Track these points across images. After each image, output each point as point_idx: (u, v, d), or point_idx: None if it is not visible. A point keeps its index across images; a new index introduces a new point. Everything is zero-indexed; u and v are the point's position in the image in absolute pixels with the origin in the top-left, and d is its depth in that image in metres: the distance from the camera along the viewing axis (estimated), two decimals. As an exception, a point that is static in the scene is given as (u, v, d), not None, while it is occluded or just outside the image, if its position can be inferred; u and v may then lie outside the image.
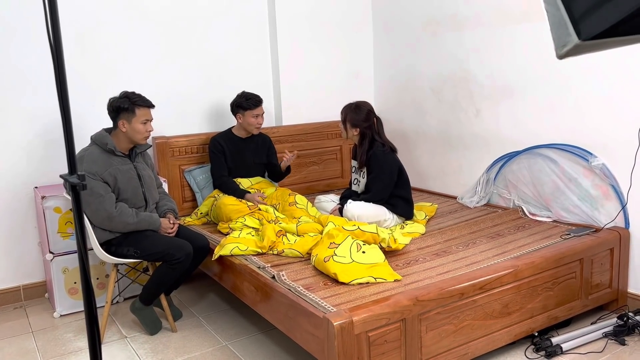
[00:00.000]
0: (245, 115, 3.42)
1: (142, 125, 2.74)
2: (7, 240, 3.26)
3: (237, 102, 3.44)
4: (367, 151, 3.13)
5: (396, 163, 3.16)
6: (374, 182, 3.13)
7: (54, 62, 1.06)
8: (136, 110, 2.71)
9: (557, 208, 3.14)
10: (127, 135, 2.74)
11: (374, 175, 3.13)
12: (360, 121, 3.13)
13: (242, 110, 3.43)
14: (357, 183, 3.31)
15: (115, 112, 2.70)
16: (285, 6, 3.96)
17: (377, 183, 3.12)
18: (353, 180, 3.37)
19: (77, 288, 3.13)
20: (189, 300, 3.29)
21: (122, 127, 2.71)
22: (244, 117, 3.43)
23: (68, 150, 1.09)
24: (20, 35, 3.15)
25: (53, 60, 1.07)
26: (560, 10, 1.00)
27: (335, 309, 2.05)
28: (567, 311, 2.62)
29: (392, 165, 3.13)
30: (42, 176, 3.28)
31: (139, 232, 2.74)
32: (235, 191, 3.36)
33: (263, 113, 3.47)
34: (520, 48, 3.26)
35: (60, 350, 2.72)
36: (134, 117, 2.71)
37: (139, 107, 2.72)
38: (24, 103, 3.21)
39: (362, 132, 3.15)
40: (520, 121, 3.34)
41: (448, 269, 2.46)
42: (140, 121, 2.72)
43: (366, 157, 3.14)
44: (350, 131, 3.17)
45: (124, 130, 2.72)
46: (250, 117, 3.42)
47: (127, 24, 3.46)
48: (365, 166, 3.17)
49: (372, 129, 3.16)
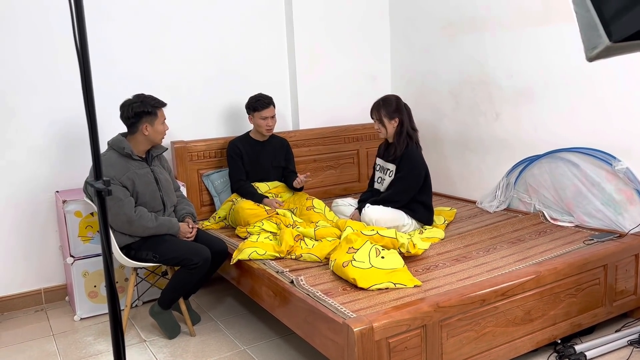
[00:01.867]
0: (255, 117, 3.43)
1: (162, 126, 2.79)
2: (28, 244, 3.30)
3: (248, 104, 3.45)
4: (404, 147, 3.10)
5: (425, 167, 3.14)
6: (399, 181, 3.11)
7: (80, 67, 1.06)
8: (157, 112, 2.75)
9: (580, 213, 3.09)
10: (149, 138, 2.77)
11: (401, 176, 3.10)
12: (394, 111, 3.11)
13: (252, 112, 3.43)
14: (380, 181, 3.27)
15: (135, 117, 2.72)
16: (303, 10, 3.96)
17: (401, 183, 3.09)
18: (377, 178, 3.33)
19: (97, 292, 3.15)
20: (207, 304, 3.30)
21: (144, 130, 2.73)
22: (254, 119, 3.44)
23: (94, 155, 1.10)
24: (42, 40, 3.20)
25: (79, 65, 1.07)
26: (591, 12, 0.97)
27: (355, 315, 2.03)
28: (590, 318, 2.57)
29: (421, 169, 3.12)
30: (63, 180, 3.32)
31: (158, 237, 2.75)
32: (254, 195, 3.37)
33: (274, 115, 3.46)
34: (540, 50, 3.22)
35: (81, 354, 2.74)
36: (156, 119, 2.75)
37: (159, 108, 2.76)
38: (45, 108, 3.25)
39: (401, 120, 3.12)
40: (541, 124, 3.29)
41: (468, 275, 2.42)
42: (161, 122, 2.78)
43: (401, 153, 3.10)
44: (389, 125, 3.12)
45: (147, 134, 2.74)
46: (259, 119, 3.42)
47: (146, 29, 3.49)
48: (395, 163, 3.13)
49: (407, 117, 3.15)
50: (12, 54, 3.13)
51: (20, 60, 3.15)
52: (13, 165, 3.20)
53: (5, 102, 3.15)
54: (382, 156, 3.29)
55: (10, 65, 3.13)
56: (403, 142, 3.12)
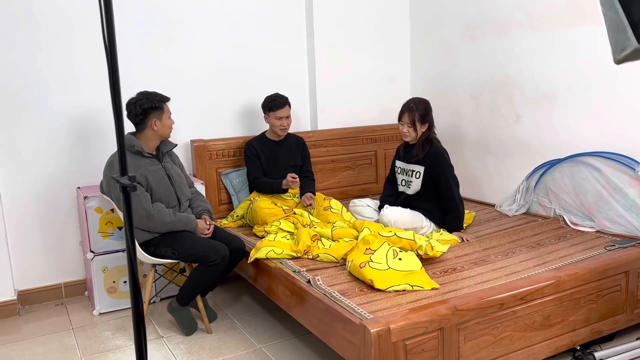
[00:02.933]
0: (270, 117, 3.45)
1: (169, 120, 2.84)
2: (50, 239, 3.35)
3: (264, 103, 3.47)
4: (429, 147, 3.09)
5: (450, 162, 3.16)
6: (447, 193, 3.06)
7: (109, 66, 1.08)
8: (164, 107, 2.80)
9: (601, 218, 3.04)
10: (158, 133, 2.81)
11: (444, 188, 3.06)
12: (425, 115, 3.10)
13: (268, 112, 3.45)
14: (406, 184, 3.23)
15: (143, 113, 2.75)
16: (323, 10, 3.97)
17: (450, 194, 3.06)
18: (400, 181, 3.29)
19: (116, 287, 3.19)
20: (224, 302, 3.32)
21: (153, 126, 2.77)
22: (269, 119, 3.46)
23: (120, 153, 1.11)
24: (65, 38, 3.25)
25: (107, 63, 1.09)
26: (619, 14, 0.96)
27: (371, 316, 2.03)
28: (611, 325, 2.53)
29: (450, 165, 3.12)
30: (84, 177, 3.37)
31: (177, 233, 2.78)
32: (272, 184, 3.38)
33: (288, 116, 3.46)
34: (564, 52, 3.18)
35: (99, 348, 2.78)
36: (163, 113, 2.80)
37: (164, 103, 2.82)
38: (68, 105, 3.30)
39: (430, 124, 3.13)
40: (563, 128, 3.25)
41: (487, 279, 2.41)
42: (167, 116, 2.82)
43: (427, 153, 3.09)
44: (420, 130, 3.10)
45: (156, 129, 2.78)
46: (273, 119, 3.43)
47: (166, 28, 3.53)
48: (423, 164, 3.11)
49: (432, 122, 3.16)
50: (34, 51, 3.18)
51: (41, 57, 3.21)
52: (35, 162, 3.26)
53: (27, 99, 3.20)
54: (403, 158, 3.27)
55: (32, 62, 3.18)
56: (427, 144, 3.11)
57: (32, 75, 3.19)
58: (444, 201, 3.09)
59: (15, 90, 3.16)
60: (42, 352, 2.76)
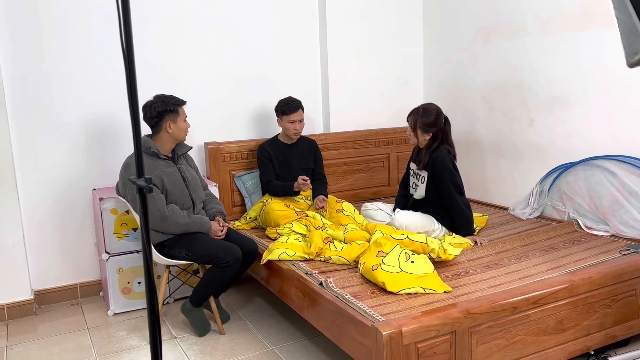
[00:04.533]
0: (283, 120, 3.46)
1: (184, 123, 2.87)
2: (65, 240, 3.40)
3: (277, 107, 3.49)
4: (432, 153, 3.06)
5: (456, 171, 3.10)
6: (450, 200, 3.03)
7: (126, 69, 1.10)
8: (179, 110, 2.83)
9: (616, 222, 3.01)
10: (173, 136, 2.84)
11: (448, 195, 3.03)
12: (431, 125, 3.05)
13: (281, 115, 3.47)
14: (415, 187, 3.25)
15: (158, 116, 2.80)
16: (336, 12, 3.98)
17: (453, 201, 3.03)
18: (411, 183, 3.32)
19: (130, 288, 3.23)
20: (237, 303, 3.34)
21: (168, 128, 2.81)
22: (282, 122, 3.48)
23: (137, 155, 1.13)
24: (82, 40, 3.30)
25: (125, 66, 1.11)
26: (633, 18, 0.96)
27: (383, 319, 2.03)
28: (625, 330, 2.50)
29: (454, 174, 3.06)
30: (100, 178, 3.42)
31: (191, 235, 2.80)
32: (284, 186, 3.40)
33: (302, 119, 3.48)
34: (578, 55, 3.16)
35: (114, 348, 2.81)
36: (178, 116, 2.83)
37: (179, 106, 2.85)
38: (84, 108, 3.35)
39: (435, 135, 3.08)
40: (576, 131, 3.23)
41: (500, 282, 2.40)
42: (183, 119, 2.85)
43: (429, 159, 3.07)
44: (421, 137, 3.09)
45: (170, 132, 2.82)
46: (287, 122, 3.45)
47: (179, 32, 3.57)
48: (426, 169, 3.10)
49: (443, 131, 3.09)
50: (51, 54, 3.24)
51: (59, 61, 3.26)
52: (52, 164, 3.31)
53: (44, 103, 3.25)
54: (415, 160, 3.28)
55: (49, 65, 3.24)
56: (430, 150, 3.09)
57: (49, 79, 3.24)
58: (447, 208, 3.08)
59: (33, 94, 3.21)
60: (57, 351, 2.80)
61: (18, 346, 2.86)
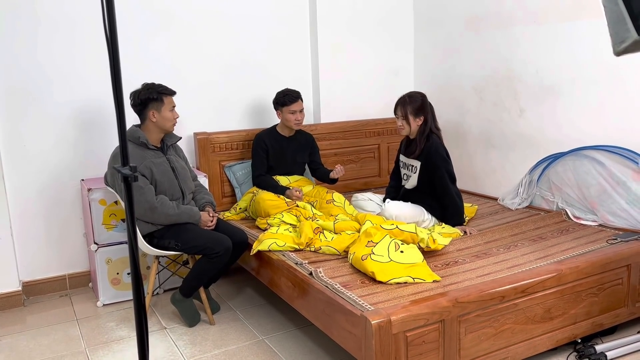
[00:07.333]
0: (283, 112, 3.45)
1: (171, 113, 2.83)
2: (54, 231, 3.38)
3: (276, 99, 3.47)
4: (425, 142, 3.07)
5: (449, 158, 3.12)
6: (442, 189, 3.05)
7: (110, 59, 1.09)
8: (164, 99, 2.80)
9: (604, 212, 3.04)
10: (158, 125, 2.81)
11: (442, 184, 3.05)
12: (420, 109, 3.07)
13: (281, 107, 3.45)
14: (406, 179, 3.26)
15: (142, 104, 2.77)
16: (327, 3, 3.96)
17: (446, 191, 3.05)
18: (402, 175, 3.32)
19: (120, 279, 3.22)
20: (227, 293, 3.34)
21: (152, 117, 2.78)
22: (282, 114, 3.46)
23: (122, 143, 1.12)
24: (67, 30, 3.26)
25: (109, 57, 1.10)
26: (619, 6, 0.96)
27: (373, 308, 2.04)
28: (612, 318, 2.53)
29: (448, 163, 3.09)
30: (88, 169, 3.39)
31: (181, 225, 2.79)
32: (275, 188, 3.39)
33: (302, 109, 3.47)
34: (568, 45, 3.17)
35: (103, 339, 2.80)
36: (163, 105, 2.79)
37: (165, 95, 2.81)
38: (72, 97, 3.31)
39: (426, 119, 3.09)
40: (566, 121, 3.24)
41: (488, 272, 2.41)
42: (168, 109, 2.81)
43: (422, 149, 3.07)
44: (413, 123, 3.08)
45: (154, 121, 2.79)
46: (288, 113, 3.44)
47: (171, 22, 3.53)
48: (420, 159, 3.10)
49: (431, 117, 3.11)
50: (38, 43, 3.19)
51: (46, 50, 3.22)
52: (40, 154, 3.28)
53: (31, 92, 3.21)
54: (404, 152, 3.28)
55: (35, 55, 3.19)
56: (424, 140, 3.10)
57: (36, 69, 3.20)
58: (440, 196, 3.09)
59: (19, 83, 3.17)
60: (46, 342, 2.79)
61: (6, 337, 2.85)
